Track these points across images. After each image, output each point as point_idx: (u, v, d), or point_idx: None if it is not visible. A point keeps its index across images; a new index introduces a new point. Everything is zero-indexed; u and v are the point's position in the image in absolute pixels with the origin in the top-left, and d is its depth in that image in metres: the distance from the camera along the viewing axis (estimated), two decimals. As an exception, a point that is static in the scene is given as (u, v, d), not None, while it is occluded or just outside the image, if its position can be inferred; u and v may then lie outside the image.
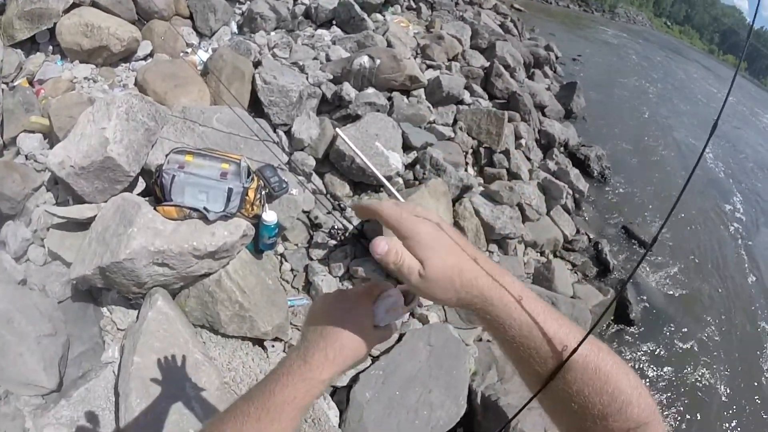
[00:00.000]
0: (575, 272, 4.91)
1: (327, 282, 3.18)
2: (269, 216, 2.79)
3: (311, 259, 3.36)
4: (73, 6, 3.76)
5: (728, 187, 9.13)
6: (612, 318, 4.63)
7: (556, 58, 10.28)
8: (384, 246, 0.66)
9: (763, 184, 10.17)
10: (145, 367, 2.15)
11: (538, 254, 4.77)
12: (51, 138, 3.19)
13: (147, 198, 2.76)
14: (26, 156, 3.10)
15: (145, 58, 4.11)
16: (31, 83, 3.56)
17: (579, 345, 0.57)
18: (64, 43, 3.67)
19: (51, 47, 3.81)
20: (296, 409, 0.69)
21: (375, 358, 2.93)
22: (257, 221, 2.81)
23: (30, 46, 3.77)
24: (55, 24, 3.65)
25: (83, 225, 2.72)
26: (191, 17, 4.72)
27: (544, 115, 6.79)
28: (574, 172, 5.81)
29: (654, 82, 15.02)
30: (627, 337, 4.54)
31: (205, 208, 2.52)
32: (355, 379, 2.80)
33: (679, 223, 6.75)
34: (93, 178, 2.66)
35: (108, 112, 2.74)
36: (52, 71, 3.64)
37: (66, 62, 3.78)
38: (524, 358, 0.61)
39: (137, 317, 2.54)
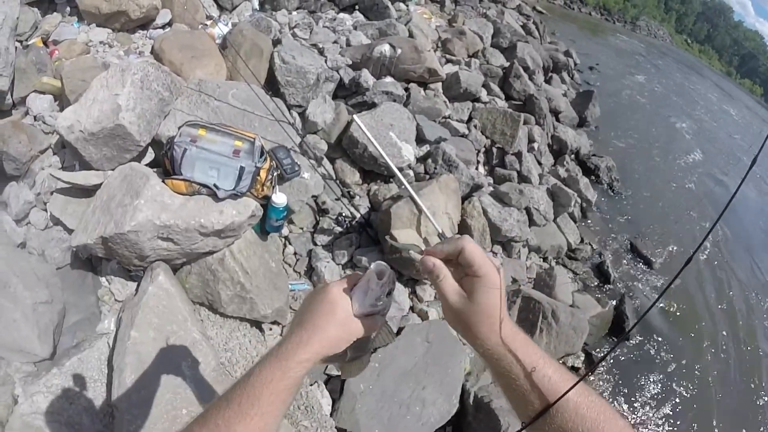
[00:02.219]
0: (576, 281, 4.87)
1: (329, 269, 3.14)
2: (279, 198, 2.74)
3: (315, 244, 3.32)
4: (94, -32, 3.70)
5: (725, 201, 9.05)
6: (609, 329, 4.59)
7: (575, 64, 10.20)
8: (431, 264, 0.78)
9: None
10: (142, 342, 2.10)
11: (541, 259, 4.74)
12: (62, 100, 3.13)
13: (155, 169, 2.70)
14: (35, 117, 3.04)
15: (163, 27, 4.03)
16: (45, 43, 3.49)
17: (568, 390, 0.67)
18: (82, 5, 3.60)
19: (68, 8, 3.74)
20: (274, 393, 0.71)
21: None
22: (266, 202, 2.77)
23: (47, 5, 3.70)
24: (74, -15, 3.59)
25: (88, 192, 2.67)
26: (213, -11, 4.64)
27: (558, 120, 6.73)
28: (583, 181, 5.76)
29: (669, 98, 14.96)
30: (622, 350, 4.51)
31: (215, 185, 2.46)
32: (350, 370, 2.77)
33: (682, 243, 6.72)
34: (102, 145, 2.60)
35: (122, 78, 2.68)
36: (68, 33, 3.57)
37: (82, 25, 3.71)
38: (528, 399, 0.71)
39: (136, 290, 2.49)
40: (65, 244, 2.60)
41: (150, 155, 2.89)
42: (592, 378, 4.05)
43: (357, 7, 5.53)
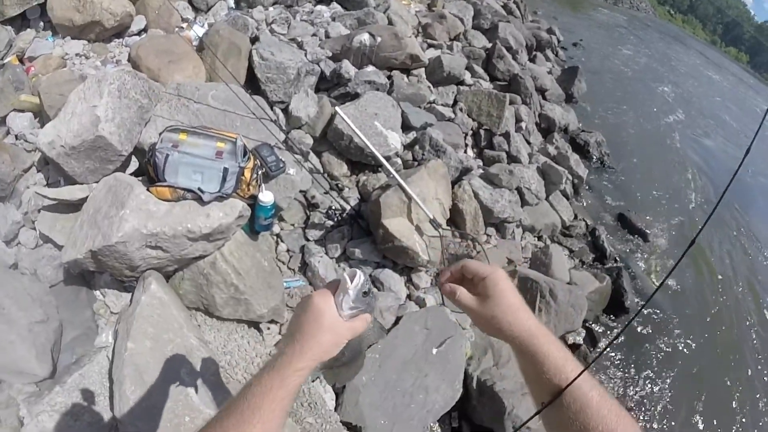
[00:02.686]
0: (572, 258, 4.88)
1: (323, 263, 3.14)
2: (266, 197, 2.73)
3: (307, 239, 3.31)
4: (66, -20, 3.65)
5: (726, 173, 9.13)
6: (608, 304, 4.60)
7: (558, 41, 10.13)
8: (448, 288, 0.91)
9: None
10: (139, 353, 2.10)
11: (536, 239, 4.73)
12: (42, 117, 3.10)
13: (140, 178, 2.68)
14: (16, 136, 3.01)
15: (138, 34, 3.99)
16: (21, 60, 3.46)
17: (578, 376, 0.73)
18: (55, 19, 3.56)
19: (42, 23, 3.70)
20: (275, 401, 0.74)
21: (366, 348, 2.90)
22: (253, 202, 2.75)
23: (20, 22, 3.65)
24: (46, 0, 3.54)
25: (75, 206, 2.65)
26: (187, -9, 4.59)
27: (544, 98, 6.70)
28: (573, 158, 5.74)
29: (654, 68, 14.95)
30: (622, 323, 4.52)
31: (199, 189, 2.44)
32: (352, 363, 2.78)
33: (675, 212, 6.74)
34: (84, 158, 2.58)
35: (99, 89, 2.66)
36: (43, 48, 3.54)
37: (57, 38, 3.67)
38: (544, 383, 0.76)
39: (131, 301, 2.49)
40: (56, 262, 2.58)
41: (134, 164, 2.87)
42: (593, 353, 4.06)
43: (334, -2, 5.47)
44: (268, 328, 2.78)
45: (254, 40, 4.00)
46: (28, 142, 2.99)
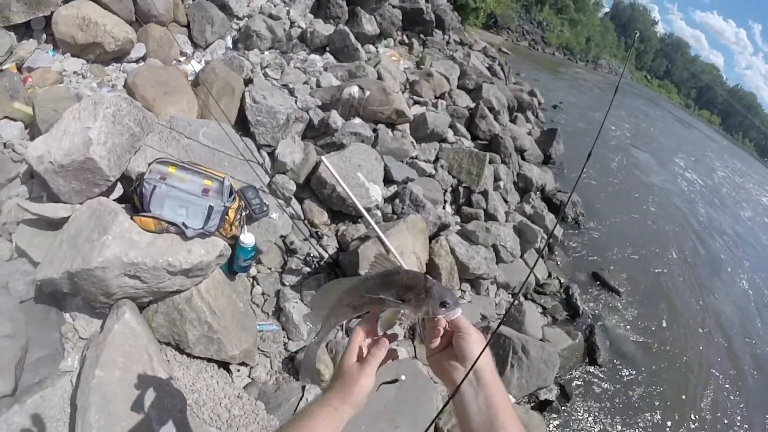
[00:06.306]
0: (545, 315, 4.95)
1: (298, 309, 3.14)
2: (247, 238, 2.77)
3: (284, 284, 3.32)
4: (74, -3, 3.72)
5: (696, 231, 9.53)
6: (581, 360, 4.67)
7: (539, 103, 10.52)
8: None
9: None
10: (107, 382, 2.07)
11: (510, 296, 4.80)
12: (32, 129, 3.10)
13: (123, 205, 2.67)
14: (5, 144, 2.98)
15: (137, 61, 4.08)
16: (19, 69, 3.48)
17: (474, 363, 0.85)
18: (58, 34, 3.62)
19: (45, 35, 3.75)
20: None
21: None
22: (234, 242, 2.78)
23: (24, 30, 3.68)
24: (52, 12, 3.60)
25: (55, 224, 2.63)
26: (188, 26, 4.73)
27: (523, 158, 6.92)
28: (549, 217, 5.90)
29: (630, 132, 15.53)
30: (595, 378, 4.57)
31: (183, 224, 2.48)
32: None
33: (648, 268, 6.95)
34: (71, 178, 2.58)
35: (95, 111, 2.68)
36: (43, 60, 3.58)
37: (58, 53, 3.74)
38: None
39: (101, 327, 2.45)
40: (30, 277, 2.51)
41: (119, 191, 2.87)
42: (569, 407, 4.09)
43: (328, 48, 5.65)
44: (238, 370, 2.75)
45: (248, 81, 4.10)
46: (15, 153, 2.95)
